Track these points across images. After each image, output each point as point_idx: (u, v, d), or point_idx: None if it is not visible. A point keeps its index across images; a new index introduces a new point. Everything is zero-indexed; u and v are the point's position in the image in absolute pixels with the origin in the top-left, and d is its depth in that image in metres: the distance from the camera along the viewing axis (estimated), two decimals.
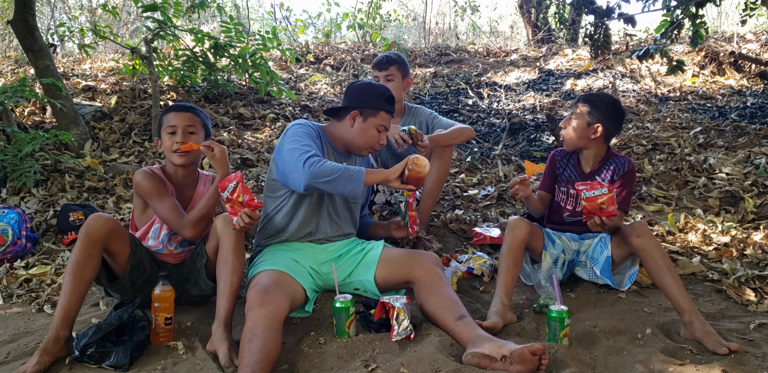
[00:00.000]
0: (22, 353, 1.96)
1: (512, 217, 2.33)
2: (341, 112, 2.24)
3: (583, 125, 2.30)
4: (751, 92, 5.77)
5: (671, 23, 3.73)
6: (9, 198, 3.39)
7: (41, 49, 3.85)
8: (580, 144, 2.35)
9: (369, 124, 2.19)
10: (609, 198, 2.05)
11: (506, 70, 6.98)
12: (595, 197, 2.05)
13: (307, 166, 1.95)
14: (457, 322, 1.87)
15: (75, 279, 1.88)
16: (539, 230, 2.36)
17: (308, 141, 2.07)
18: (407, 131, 2.59)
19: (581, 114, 2.30)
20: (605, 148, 2.39)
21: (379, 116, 2.19)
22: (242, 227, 1.92)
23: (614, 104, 2.35)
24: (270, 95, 5.37)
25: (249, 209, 1.90)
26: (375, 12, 8.57)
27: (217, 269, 2.00)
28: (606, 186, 2.05)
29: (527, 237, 2.24)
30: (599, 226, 2.11)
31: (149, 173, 2.13)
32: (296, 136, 2.09)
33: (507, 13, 14.19)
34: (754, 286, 2.45)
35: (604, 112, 2.30)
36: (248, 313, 1.80)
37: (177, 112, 2.16)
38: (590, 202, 2.07)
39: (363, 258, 2.20)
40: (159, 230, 2.20)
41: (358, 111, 2.18)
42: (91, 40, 7.44)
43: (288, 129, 2.16)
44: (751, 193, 3.44)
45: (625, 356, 1.83)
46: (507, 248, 2.22)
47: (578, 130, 2.31)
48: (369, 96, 2.20)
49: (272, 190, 2.25)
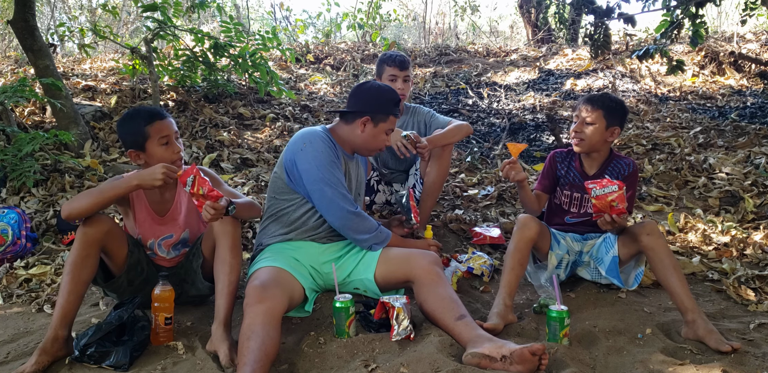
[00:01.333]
0: (22, 353, 1.96)
1: (522, 215, 2.30)
2: (350, 115, 2.22)
3: (602, 129, 2.28)
4: (751, 92, 5.77)
5: (671, 23, 3.73)
6: (9, 198, 3.39)
7: (41, 49, 3.85)
8: (596, 147, 2.33)
9: (380, 130, 2.20)
10: (619, 195, 2.04)
11: (506, 70, 6.98)
12: (605, 195, 2.05)
13: (349, 220, 2.11)
14: (457, 322, 1.87)
15: (73, 279, 1.88)
16: (547, 229, 2.35)
17: (340, 175, 2.13)
18: (406, 137, 2.58)
19: (598, 117, 2.27)
20: (609, 149, 2.39)
21: (389, 121, 2.21)
22: (210, 220, 1.87)
23: (624, 106, 2.37)
24: (270, 95, 5.37)
25: (211, 201, 1.84)
26: (375, 12, 8.57)
27: (214, 269, 1.99)
28: (616, 183, 2.05)
29: (536, 237, 2.22)
30: (609, 224, 2.10)
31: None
32: (323, 166, 2.09)
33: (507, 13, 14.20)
34: (754, 286, 2.45)
35: (620, 114, 2.31)
36: (246, 309, 1.80)
37: (162, 120, 2.06)
38: (600, 200, 2.06)
39: (363, 258, 2.20)
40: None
41: (369, 117, 2.18)
42: (91, 40, 7.44)
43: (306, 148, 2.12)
44: (751, 193, 3.44)
45: (625, 356, 1.83)
46: (514, 246, 2.19)
47: (597, 133, 2.28)
48: (380, 101, 2.20)
49: (279, 192, 2.23)
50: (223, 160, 4.16)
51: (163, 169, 1.89)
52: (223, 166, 4.07)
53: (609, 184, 2.05)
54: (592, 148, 2.34)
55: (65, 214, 1.90)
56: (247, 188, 3.60)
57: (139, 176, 1.91)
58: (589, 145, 2.32)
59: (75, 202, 1.90)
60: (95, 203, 1.89)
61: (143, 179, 1.90)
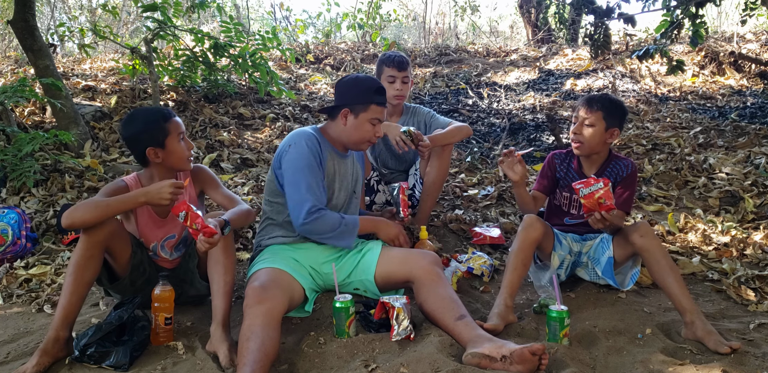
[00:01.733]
0: (22, 353, 1.96)
1: (527, 215, 2.28)
2: (334, 111, 2.21)
3: (601, 130, 2.27)
4: (750, 92, 5.77)
5: (671, 23, 3.73)
6: (9, 198, 3.39)
7: (41, 49, 3.85)
8: (597, 149, 2.33)
9: (361, 120, 2.15)
10: (605, 192, 2.05)
11: (506, 70, 6.98)
12: (592, 194, 2.05)
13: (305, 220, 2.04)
14: (457, 322, 1.87)
15: (76, 280, 1.88)
16: (551, 230, 2.35)
17: (314, 179, 2.08)
18: (406, 132, 2.57)
19: (598, 119, 2.26)
20: (608, 150, 2.39)
21: (371, 110, 2.15)
22: (205, 250, 1.86)
23: (624, 107, 2.37)
24: (270, 95, 5.37)
25: (204, 237, 1.82)
26: (375, 12, 8.57)
27: (208, 270, 1.99)
28: (600, 180, 2.05)
29: (541, 237, 2.21)
30: (600, 222, 2.10)
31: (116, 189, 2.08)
32: (298, 169, 2.08)
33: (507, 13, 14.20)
34: (754, 286, 2.45)
35: (620, 115, 2.31)
36: (246, 310, 1.80)
37: (176, 118, 2.10)
38: (588, 199, 2.07)
39: (362, 258, 2.20)
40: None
41: (348, 109, 2.15)
42: (91, 40, 7.44)
43: (290, 150, 2.12)
44: (751, 193, 3.44)
45: (625, 356, 1.83)
46: (518, 247, 2.19)
47: (597, 135, 2.28)
48: (357, 91, 2.16)
49: (272, 194, 2.23)
50: (223, 160, 4.16)
51: (171, 189, 1.89)
52: (223, 166, 4.07)
53: (594, 182, 2.06)
54: (592, 151, 2.33)
55: (66, 223, 1.87)
56: (247, 188, 3.60)
57: (147, 194, 1.90)
58: (588, 147, 2.31)
59: (77, 212, 1.86)
60: (99, 217, 1.88)
61: (151, 197, 1.89)
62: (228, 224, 1.94)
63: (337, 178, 2.24)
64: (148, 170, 2.14)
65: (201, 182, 2.23)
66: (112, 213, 1.91)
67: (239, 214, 2.05)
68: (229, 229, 1.95)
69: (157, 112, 2.10)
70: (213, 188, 2.22)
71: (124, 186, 2.09)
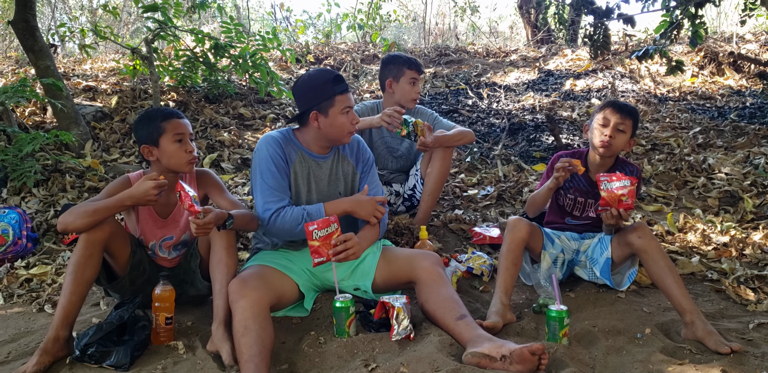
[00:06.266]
0: (23, 353, 1.96)
1: (512, 217, 2.33)
2: (303, 117, 2.15)
3: (628, 137, 2.30)
4: (750, 92, 5.77)
5: (670, 23, 3.73)
6: (10, 198, 3.40)
7: (42, 50, 3.86)
8: (616, 153, 2.35)
9: (333, 116, 2.09)
10: (630, 191, 2.05)
11: (506, 70, 6.98)
12: (616, 189, 2.06)
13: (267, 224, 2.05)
14: (458, 322, 1.87)
15: (76, 279, 1.88)
16: (538, 229, 2.36)
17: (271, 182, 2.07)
18: (412, 123, 2.59)
19: (629, 127, 2.28)
20: (617, 156, 2.41)
21: (337, 101, 2.08)
22: (196, 233, 1.87)
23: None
24: (270, 95, 5.37)
25: (191, 217, 1.83)
26: (375, 12, 8.57)
27: (210, 269, 2.00)
28: (629, 178, 2.06)
29: (527, 237, 2.24)
30: (614, 218, 2.10)
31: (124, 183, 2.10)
32: (257, 175, 2.09)
33: (507, 14, 14.21)
34: (753, 286, 2.46)
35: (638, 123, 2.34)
36: (233, 306, 1.83)
37: (179, 119, 2.09)
38: (610, 193, 2.07)
39: (360, 263, 2.18)
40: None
41: (315, 111, 2.09)
42: (92, 41, 7.45)
43: (253, 156, 2.14)
44: (750, 193, 3.44)
45: (624, 356, 1.83)
46: (506, 248, 2.23)
47: (624, 141, 2.29)
48: (316, 90, 2.10)
49: None
50: (224, 160, 4.17)
51: (152, 184, 1.89)
52: (224, 166, 4.08)
53: (622, 178, 2.06)
54: (613, 154, 2.35)
55: (61, 227, 1.91)
56: (247, 189, 3.61)
57: (132, 197, 1.91)
58: (614, 151, 2.32)
59: (69, 217, 1.88)
60: (89, 223, 1.89)
61: (137, 199, 1.91)
62: (231, 218, 1.94)
63: (311, 179, 2.19)
64: (152, 169, 2.15)
65: (206, 187, 2.23)
66: (101, 218, 1.92)
67: (244, 215, 2.06)
68: (231, 222, 1.94)
69: (161, 111, 2.11)
70: (218, 192, 2.22)
71: (128, 182, 2.10)
